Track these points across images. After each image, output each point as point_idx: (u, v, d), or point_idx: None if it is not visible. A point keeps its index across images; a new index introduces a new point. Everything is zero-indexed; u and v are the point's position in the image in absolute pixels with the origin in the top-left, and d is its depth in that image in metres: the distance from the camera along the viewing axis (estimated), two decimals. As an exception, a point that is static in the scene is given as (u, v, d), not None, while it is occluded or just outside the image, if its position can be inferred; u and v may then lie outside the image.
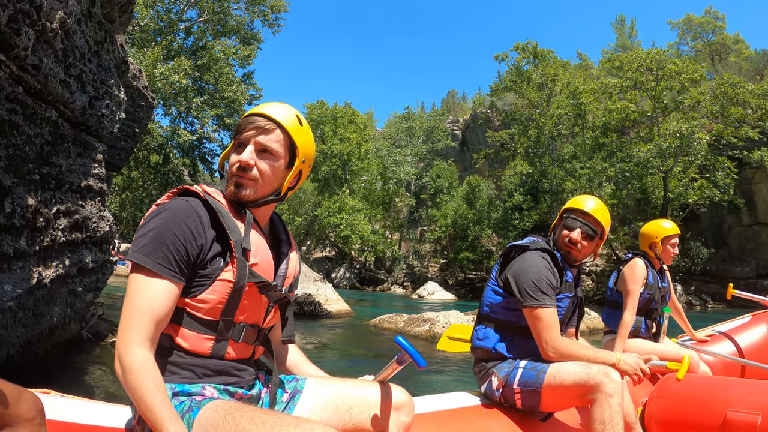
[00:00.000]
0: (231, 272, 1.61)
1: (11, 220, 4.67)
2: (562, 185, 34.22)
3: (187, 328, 1.62)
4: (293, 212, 48.11)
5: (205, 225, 1.61)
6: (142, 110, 12.33)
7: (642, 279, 4.09)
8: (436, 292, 28.67)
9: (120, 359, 1.45)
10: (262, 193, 1.74)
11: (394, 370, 1.97)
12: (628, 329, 3.99)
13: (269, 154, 1.72)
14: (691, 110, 30.02)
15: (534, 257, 2.79)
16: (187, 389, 1.59)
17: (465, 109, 69.41)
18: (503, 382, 2.72)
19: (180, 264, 1.55)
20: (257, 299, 1.72)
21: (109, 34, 7.07)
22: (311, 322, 13.66)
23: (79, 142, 6.60)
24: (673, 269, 31.56)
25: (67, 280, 6.22)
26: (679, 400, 3.09)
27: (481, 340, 2.89)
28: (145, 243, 1.54)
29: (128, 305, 1.51)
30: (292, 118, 1.77)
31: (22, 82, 4.87)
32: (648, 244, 4.33)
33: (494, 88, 41.76)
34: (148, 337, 1.48)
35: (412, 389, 2.13)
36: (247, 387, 1.74)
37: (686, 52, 48.38)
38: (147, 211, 1.69)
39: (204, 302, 1.61)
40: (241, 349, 1.73)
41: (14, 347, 5.02)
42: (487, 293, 2.95)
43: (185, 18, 27.33)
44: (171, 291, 1.54)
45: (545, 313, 2.63)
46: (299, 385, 1.88)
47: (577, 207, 2.98)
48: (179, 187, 1.72)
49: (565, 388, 2.50)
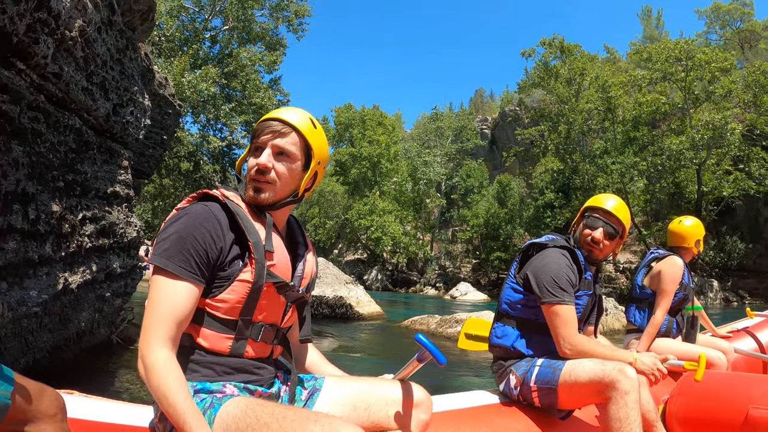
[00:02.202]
0: (249, 273, 1.66)
1: (36, 227, 4.74)
2: (594, 181, 33.67)
3: (207, 328, 1.66)
4: (324, 215, 48.31)
5: (224, 228, 1.66)
6: (169, 118, 12.50)
7: (680, 278, 3.98)
8: (468, 292, 28.48)
9: (143, 358, 1.49)
10: (281, 195, 1.79)
11: (414, 368, 1.97)
12: (657, 329, 3.90)
13: (286, 156, 1.78)
14: (723, 100, 29.24)
15: (554, 254, 2.79)
16: (208, 387, 1.63)
17: (493, 108, 69.06)
18: (521, 380, 2.71)
19: (200, 266, 1.59)
20: (275, 299, 1.76)
21: (131, 41, 7.15)
22: (343, 324, 13.64)
23: (104, 149, 6.69)
24: (708, 265, 30.92)
25: (94, 285, 6.30)
26: (700, 397, 3.03)
27: (500, 338, 2.88)
28: (167, 247, 1.59)
29: (151, 307, 1.56)
30: (306, 121, 1.83)
31: (44, 90, 4.95)
32: (694, 241, 4.20)
33: (522, 85, 41.23)
34: (170, 337, 1.52)
35: (431, 387, 2.11)
36: (266, 385, 1.78)
37: (715, 40, 47.25)
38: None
39: (223, 302, 1.65)
40: (260, 348, 1.77)
41: (40, 352, 5.09)
42: (506, 291, 2.94)
43: (210, 27, 27.65)
44: (192, 292, 1.58)
45: (563, 309, 2.62)
46: (318, 383, 1.91)
47: (599, 206, 2.98)
48: (199, 192, 1.76)
49: (581, 386, 2.48)
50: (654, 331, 3.88)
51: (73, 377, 5.47)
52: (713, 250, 31.74)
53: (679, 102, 31.09)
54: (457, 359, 8.63)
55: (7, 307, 4.19)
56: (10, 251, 4.34)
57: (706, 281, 28.66)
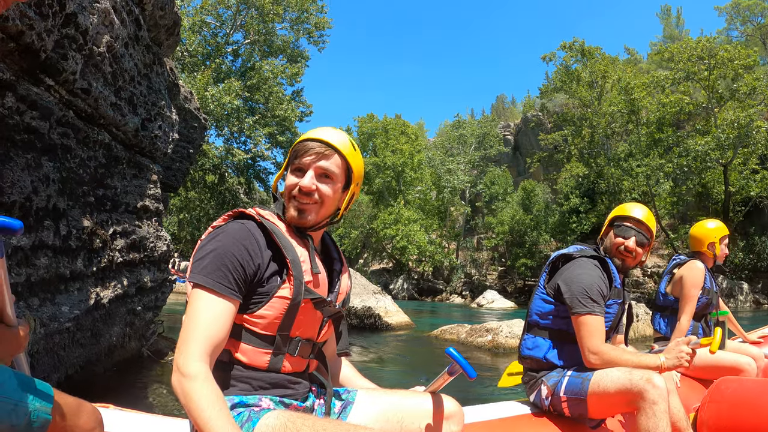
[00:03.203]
0: (288, 289, 1.68)
1: (67, 242, 4.76)
2: (620, 185, 33.29)
3: (246, 343, 1.68)
4: (350, 225, 48.36)
5: (261, 246, 1.68)
6: (195, 131, 12.61)
7: (702, 282, 3.92)
8: (495, 300, 28.18)
9: (180, 371, 1.47)
10: (323, 216, 1.82)
11: (445, 381, 1.98)
12: (683, 335, 3.82)
13: (329, 178, 1.79)
14: (748, 98, 28.59)
15: (586, 264, 2.82)
16: (245, 401, 1.63)
17: (515, 113, 68.63)
18: (552, 391, 2.72)
19: (238, 282, 1.61)
20: (312, 314, 1.77)
21: (157, 56, 7.20)
22: (372, 335, 13.55)
23: (133, 164, 6.72)
24: (738, 267, 30.27)
25: (125, 299, 6.32)
26: (732, 404, 2.98)
27: (531, 350, 2.90)
28: (206, 264, 1.60)
29: (189, 321, 1.56)
30: (347, 143, 1.85)
31: (73, 106, 4.98)
32: (708, 244, 4.12)
33: (543, 90, 40.99)
34: (207, 352, 1.51)
35: (462, 399, 2.14)
36: (301, 399, 1.79)
37: (736, 37, 46.22)
38: (204, 231, 1.79)
39: (262, 318, 1.67)
40: (297, 362, 1.78)
41: (73, 367, 5.10)
42: (536, 302, 2.96)
43: (232, 41, 27.98)
44: (230, 309, 1.59)
45: (593, 320, 2.64)
46: (351, 396, 1.93)
47: (630, 215, 3.02)
48: (234, 210, 1.78)
49: (609, 396, 2.49)
50: (680, 336, 3.79)
51: (105, 391, 5.47)
52: (742, 252, 31.14)
53: (703, 101, 30.55)
54: (488, 370, 8.49)
55: (39, 323, 4.20)
56: (42, 267, 4.35)
57: (735, 284, 28.02)
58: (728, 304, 26.25)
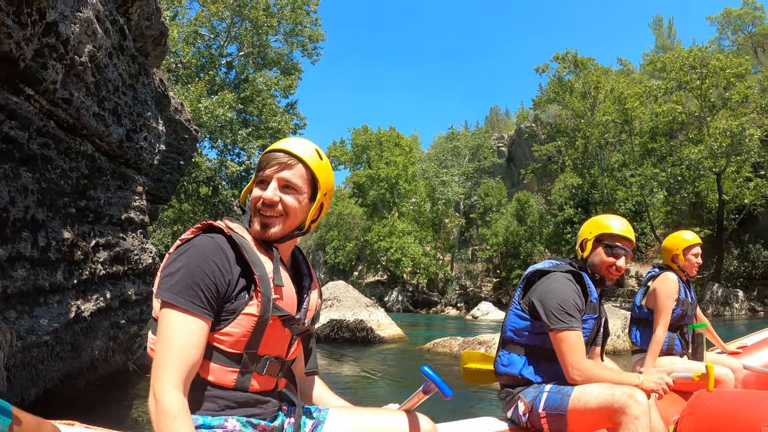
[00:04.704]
0: (255, 306, 1.63)
1: (46, 254, 4.68)
2: (613, 195, 33.44)
3: (212, 361, 1.63)
4: (344, 238, 48.27)
5: (231, 261, 1.63)
6: (186, 143, 12.54)
7: (675, 294, 3.93)
8: (490, 312, 28.09)
9: (157, 400, 1.44)
10: (288, 228, 1.77)
11: (420, 399, 1.97)
12: (659, 346, 3.84)
13: (292, 189, 1.75)
14: (740, 106, 28.80)
15: (560, 279, 2.77)
16: (208, 423, 1.59)
17: (509, 125, 68.85)
18: (529, 407, 2.68)
19: (210, 301, 1.57)
20: (281, 332, 1.74)
21: (143, 67, 7.15)
22: (363, 348, 13.41)
23: (118, 175, 6.65)
24: (733, 275, 30.32)
25: (109, 313, 6.23)
26: (711, 416, 2.94)
27: (506, 366, 2.86)
28: (176, 281, 1.55)
29: (164, 345, 1.52)
30: (312, 153, 1.80)
31: (54, 116, 4.91)
32: (670, 257, 4.19)
33: (537, 101, 41.15)
34: (184, 379, 1.49)
35: (438, 415, 2.15)
36: (269, 418, 1.75)
37: (728, 46, 46.67)
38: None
39: (229, 335, 1.63)
40: (265, 381, 1.74)
41: (51, 381, 5.00)
42: (510, 318, 2.91)
43: (226, 53, 27.93)
44: (204, 329, 1.56)
45: (571, 335, 2.60)
46: (322, 415, 1.90)
47: (617, 233, 2.92)
48: (203, 223, 1.73)
49: (590, 411, 2.46)
50: (657, 348, 3.82)
51: (87, 406, 5.37)
52: (737, 260, 31.31)
53: (695, 110, 30.71)
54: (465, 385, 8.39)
55: (15, 336, 4.11)
56: (19, 279, 4.27)
57: (731, 291, 28.01)
58: (723, 312, 26.62)
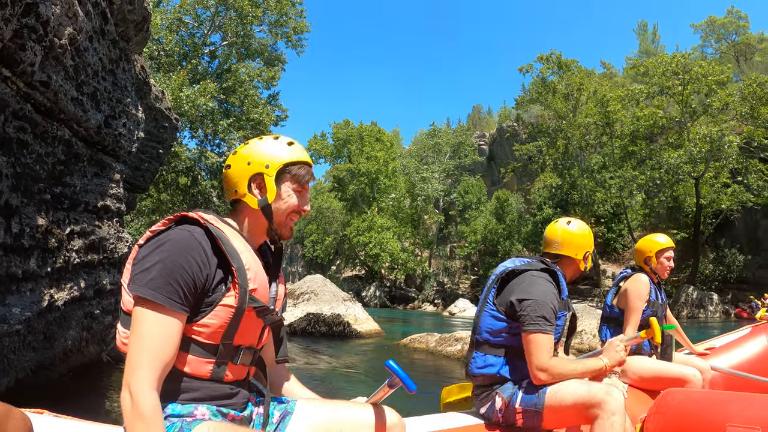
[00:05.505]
0: (233, 297, 1.64)
1: (19, 241, 4.56)
2: (592, 196, 33.76)
3: (189, 353, 1.63)
4: (323, 232, 48.14)
5: (208, 254, 1.62)
6: (165, 131, 12.35)
7: (646, 295, 3.98)
8: (467, 308, 28.25)
9: (134, 402, 1.43)
10: None
11: (385, 393, 1.99)
12: (629, 347, 3.84)
13: None
14: (720, 113, 29.24)
15: (539, 280, 2.78)
16: (178, 411, 1.59)
17: (491, 124, 69.01)
18: (507, 402, 2.69)
19: (188, 297, 1.56)
20: (255, 322, 1.75)
21: (124, 52, 7.01)
22: (340, 343, 13.37)
23: (95, 162, 6.52)
24: (708, 278, 30.85)
25: (83, 302, 6.10)
26: (677, 415, 3.02)
27: (482, 368, 2.83)
28: (153, 277, 1.53)
29: (140, 341, 1.50)
30: None
31: (31, 99, 4.79)
32: (642, 258, 4.22)
33: (519, 101, 41.31)
34: (159, 377, 1.49)
35: (408, 410, 2.24)
36: (239, 408, 1.75)
37: (711, 54, 47.32)
38: None
39: (206, 327, 1.63)
40: (238, 371, 1.76)
41: (23, 371, 4.87)
42: (485, 319, 2.87)
43: (209, 42, 27.59)
44: (180, 325, 1.56)
45: (542, 338, 2.62)
46: (290, 406, 1.91)
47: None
48: (176, 215, 1.70)
49: (567, 407, 2.52)
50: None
51: (59, 397, 5.27)
52: (712, 264, 31.89)
53: (676, 116, 31.08)
54: (457, 381, 8.40)
55: (-14, 325, 4.00)
56: (-9, 266, 4.16)
57: (705, 294, 28.49)
58: (698, 315, 27.05)
